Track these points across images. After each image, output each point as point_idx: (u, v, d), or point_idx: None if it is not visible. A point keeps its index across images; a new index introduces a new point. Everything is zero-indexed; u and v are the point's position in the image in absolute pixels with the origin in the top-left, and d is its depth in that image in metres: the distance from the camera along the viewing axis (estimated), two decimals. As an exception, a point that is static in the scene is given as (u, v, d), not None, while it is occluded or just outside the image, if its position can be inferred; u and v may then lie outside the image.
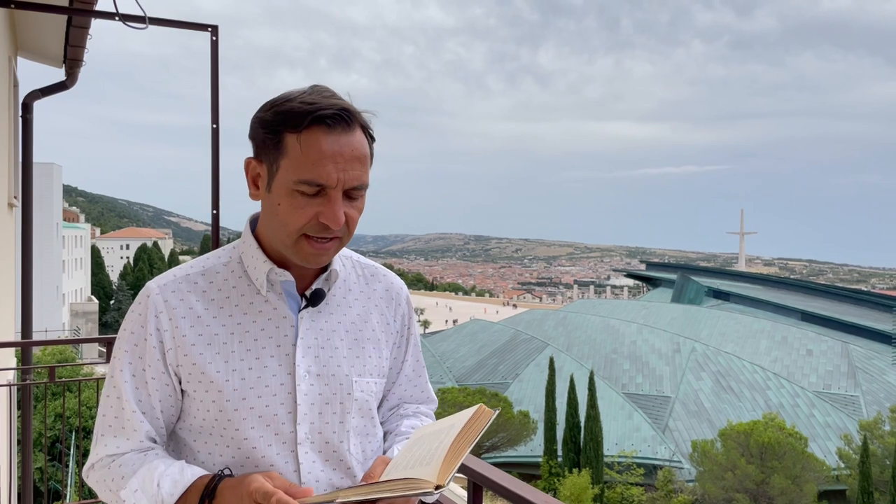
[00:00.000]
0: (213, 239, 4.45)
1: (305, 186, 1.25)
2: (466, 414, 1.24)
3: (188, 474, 1.25)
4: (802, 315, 60.91)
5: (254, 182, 1.35)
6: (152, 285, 1.35)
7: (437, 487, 1.09)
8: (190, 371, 1.30)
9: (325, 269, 1.42)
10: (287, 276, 1.36)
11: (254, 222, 1.42)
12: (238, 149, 1.42)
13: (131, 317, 1.35)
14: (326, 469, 1.35)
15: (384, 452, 1.48)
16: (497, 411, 1.29)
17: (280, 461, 1.31)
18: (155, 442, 1.35)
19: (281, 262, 1.37)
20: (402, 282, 1.59)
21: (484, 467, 2.00)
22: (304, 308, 1.38)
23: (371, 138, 1.33)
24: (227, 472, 1.28)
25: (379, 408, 1.54)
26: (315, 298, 1.38)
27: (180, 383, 1.33)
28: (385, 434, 1.53)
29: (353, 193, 1.29)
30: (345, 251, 1.50)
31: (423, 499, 1.38)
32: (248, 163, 1.35)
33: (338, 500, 1.14)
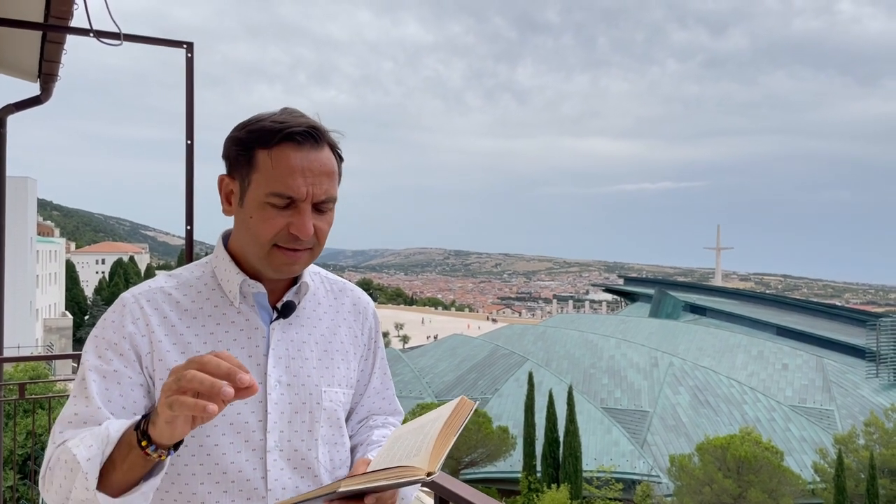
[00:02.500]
0: (188, 254, 4.44)
1: (276, 199, 1.31)
2: (449, 406, 1.29)
3: (136, 417, 1.19)
4: (778, 329, 61.55)
5: (227, 198, 1.40)
6: (127, 295, 1.38)
7: (429, 474, 1.13)
8: (162, 377, 1.31)
9: (295, 281, 1.46)
10: (259, 288, 1.40)
11: (226, 238, 1.47)
12: (216, 163, 1.47)
13: (105, 323, 1.36)
14: (294, 476, 1.38)
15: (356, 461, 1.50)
16: (476, 402, 1.34)
17: (248, 468, 1.34)
18: None
19: (253, 276, 1.41)
20: (368, 297, 1.64)
21: (450, 482, 2.02)
22: (275, 319, 1.42)
23: (339, 157, 1.40)
24: None
25: (348, 420, 1.57)
26: (286, 310, 1.42)
27: (153, 387, 1.34)
28: (355, 446, 1.56)
29: (322, 206, 1.35)
30: (313, 267, 1.54)
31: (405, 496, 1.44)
32: (221, 179, 1.41)
33: (340, 490, 1.17)
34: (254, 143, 1.33)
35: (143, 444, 1.11)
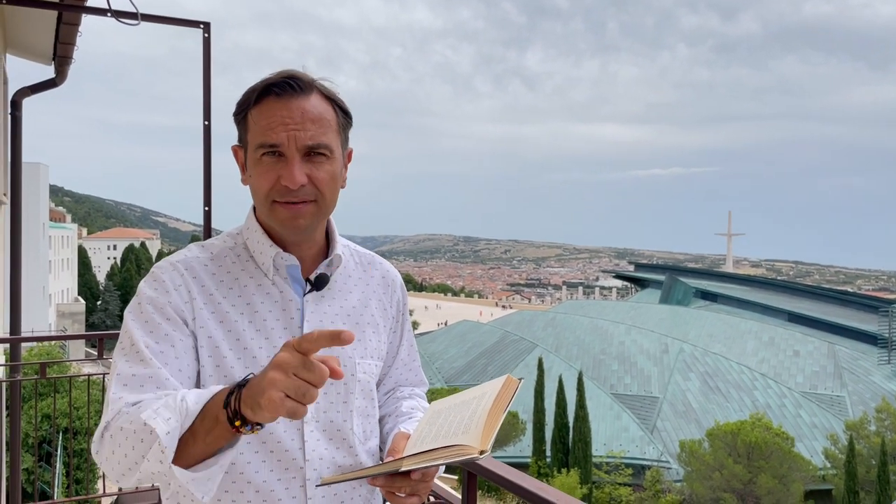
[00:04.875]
0: (205, 236, 4.44)
1: (263, 150, 1.31)
2: (496, 384, 1.29)
3: (213, 389, 1.16)
4: (789, 316, 61.30)
5: (242, 167, 1.42)
6: (164, 263, 1.38)
7: (482, 452, 1.13)
8: (204, 344, 1.33)
9: (327, 254, 1.47)
10: (293, 261, 1.41)
11: (256, 209, 1.47)
12: (226, 149, 1.47)
13: (146, 288, 1.34)
14: (330, 447, 1.39)
15: (388, 434, 1.51)
16: (522, 379, 1.34)
17: (287, 438, 1.35)
18: None
19: (285, 248, 1.41)
20: (396, 271, 1.65)
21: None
22: (308, 292, 1.42)
23: (339, 108, 1.39)
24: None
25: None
26: (319, 283, 1.43)
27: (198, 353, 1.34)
28: (383, 416, 1.58)
29: (314, 155, 1.33)
30: (342, 239, 1.54)
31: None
32: (234, 151, 1.43)
33: (402, 468, 1.19)
34: (244, 105, 1.35)
35: (237, 423, 1.07)
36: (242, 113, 1.36)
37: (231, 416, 1.08)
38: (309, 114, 1.32)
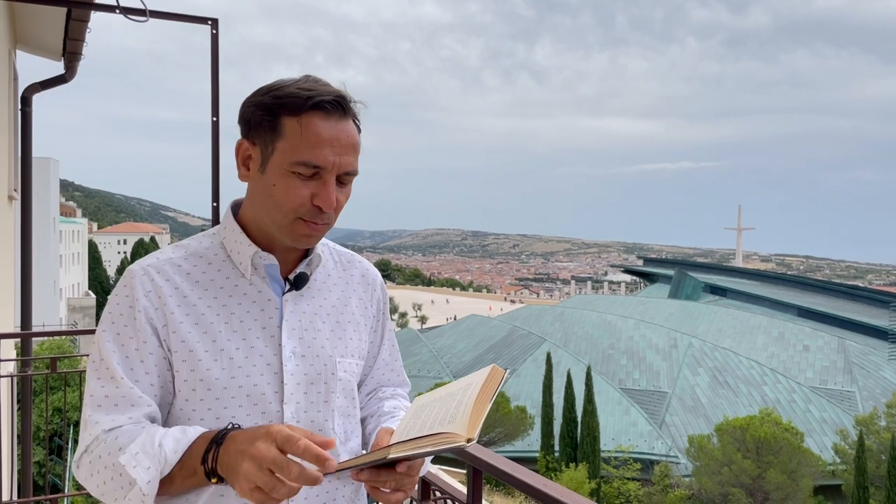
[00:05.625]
0: (213, 231, 4.46)
1: (302, 168, 1.28)
2: (481, 374, 1.28)
3: (190, 432, 1.23)
4: (799, 311, 61.05)
5: (244, 163, 1.37)
6: (136, 267, 1.35)
7: (469, 440, 1.13)
8: (178, 349, 1.31)
9: (307, 253, 1.45)
10: (271, 260, 1.39)
11: (235, 208, 1.45)
12: (234, 144, 1.44)
13: (117, 299, 1.34)
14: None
15: (370, 434, 1.50)
16: (507, 370, 1.33)
17: None
18: (154, 422, 1.33)
19: (265, 247, 1.39)
20: (375, 269, 1.64)
21: (483, 452, 2.03)
22: (287, 291, 1.41)
23: (358, 130, 1.37)
24: (237, 425, 1.25)
25: (358, 391, 1.57)
26: (299, 282, 1.41)
27: (171, 361, 1.33)
28: (365, 417, 1.56)
29: (344, 179, 1.34)
30: (322, 239, 1.53)
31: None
32: (239, 144, 1.37)
33: (389, 456, 1.17)
34: (280, 108, 1.30)
35: (214, 481, 1.18)
36: (275, 115, 1.30)
37: (208, 472, 1.17)
38: (351, 139, 1.32)
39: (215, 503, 1.30)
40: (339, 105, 1.31)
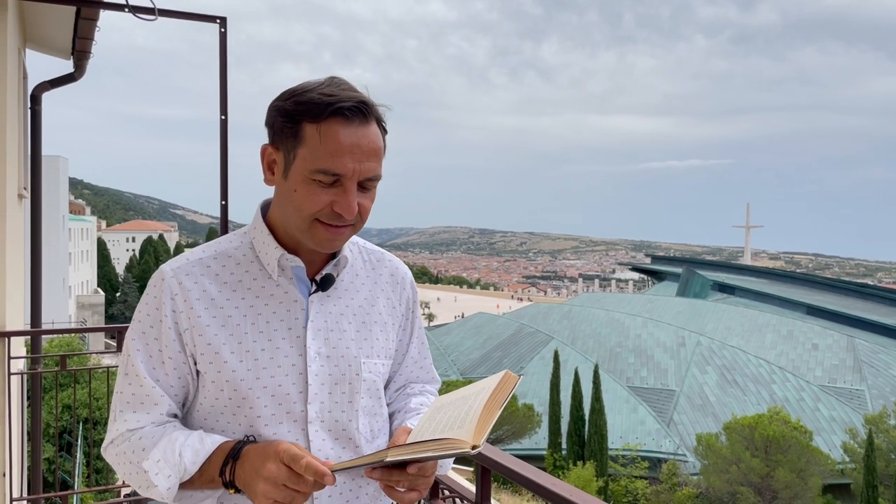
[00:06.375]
0: (222, 230, 4.47)
1: (322, 176, 1.28)
2: (494, 379, 1.28)
3: (208, 443, 1.30)
4: (808, 309, 60.77)
5: (269, 167, 1.38)
6: (166, 268, 1.38)
7: (474, 447, 1.12)
8: (204, 351, 1.34)
9: (334, 254, 1.46)
10: (297, 262, 1.40)
11: (265, 208, 1.46)
12: (243, 142, 1.46)
13: (146, 299, 1.38)
14: (336, 447, 1.40)
15: (395, 430, 1.50)
16: (522, 376, 1.33)
17: (291, 438, 1.35)
18: (175, 417, 1.40)
19: (292, 249, 1.41)
20: (406, 267, 1.64)
21: (492, 451, 2.03)
22: (314, 292, 1.42)
23: (384, 131, 1.37)
24: (251, 438, 1.32)
25: (386, 388, 1.59)
26: (325, 283, 1.43)
27: (195, 364, 1.36)
28: (393, 413, 1.58)
29: (366, 184, 1.33)
30: (351, 238, 1.53)
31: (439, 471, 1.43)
32: (264, 149, 1.38)
33: (387, 460, 1.18)
34: (301, 115, 1.29)
35: (232, 492, 1.27)
36: (296, 121, 1.30)
37: (226, 483, 1.27)
38: (372, 144, 1.31)
39: (228, 499, 1.36)
40: (359, 111, 1.30)
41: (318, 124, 1.28)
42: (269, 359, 1.35)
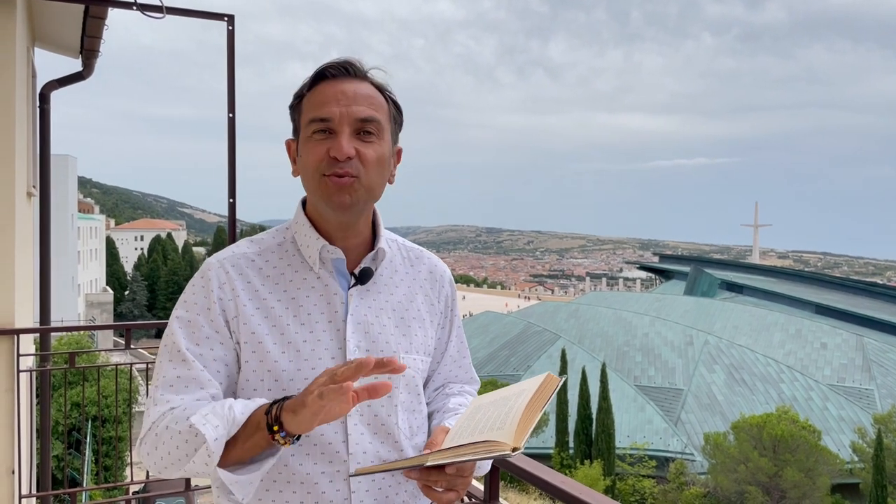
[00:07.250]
0: (230, 228, 4.47)
1: (314, 125, 1.35)
2: (535, 381, 1.28)
3: (258, 401, 1.27)
4: (817, 308, 60.46)
5: (293, 158, 1.45)
6: (213, 260, 1.42)
7: (514, 449, 1.12)
8: (248, 340, 1.36)
9: (372, 247, 1.48)
10: (338, 254, 1.42)
11: (304, 203, 1.49)
12: (250, 141, 1.48)
13: (193, 289, 1.40)
14: (374, 441, 1.40)
15: (433, 429, 1.51)
16: (565, 377, 1.35)
17: (330, 430, 1.36)
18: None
19: (331, 241, 1.44)
20: (445, 265, 1.65)
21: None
22: (353, 286, 1.44)
23: (390, 100, 1.44)
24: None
25: (425, 387, 1.58)
26: (364, 276, 1.44)
27: (240, 352, 1.38)
28: (431, 412, 1.58)
29: (364, 133, 1.36)
30: (389, 234, 1.55)
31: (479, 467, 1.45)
32: (287, 144, 1.47)
33: (427, 463, 1.18)
34: (300, 95, 1.40)
35: (275, 428, 1.17)
36: (298, 100, 1.40)
37: (271, 421, 1.17)
38: (360, 92, 1.37)
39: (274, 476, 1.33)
40: (342, 68, 1.37)
41: (310, 91, 1.38)
42: (310, 350, 1.36)
